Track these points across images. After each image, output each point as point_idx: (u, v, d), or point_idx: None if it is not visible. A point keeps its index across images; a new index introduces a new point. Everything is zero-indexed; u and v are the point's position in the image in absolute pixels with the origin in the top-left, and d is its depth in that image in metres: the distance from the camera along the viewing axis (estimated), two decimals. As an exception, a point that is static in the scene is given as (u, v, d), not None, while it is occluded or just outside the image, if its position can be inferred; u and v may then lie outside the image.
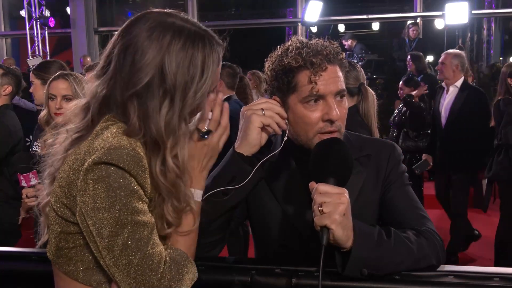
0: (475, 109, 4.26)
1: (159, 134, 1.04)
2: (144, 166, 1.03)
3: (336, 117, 1.27)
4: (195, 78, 1.06)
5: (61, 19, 11.08)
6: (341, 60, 1.32)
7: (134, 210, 1.00)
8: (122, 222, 0.99)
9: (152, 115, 1.04)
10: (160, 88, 1.04)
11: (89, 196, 0.99)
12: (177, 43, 1.05)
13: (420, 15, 9.75)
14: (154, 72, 1.03)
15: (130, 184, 1.00)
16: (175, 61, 1.04)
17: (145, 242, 1.01)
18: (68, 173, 1.04)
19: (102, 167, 0.98)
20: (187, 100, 1.06)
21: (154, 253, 1.02)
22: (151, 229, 1.03)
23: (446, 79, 4.46)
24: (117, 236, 0.99)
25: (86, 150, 1.02)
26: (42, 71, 3.01)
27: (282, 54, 1.31)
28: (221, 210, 1.32)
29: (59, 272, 1.12)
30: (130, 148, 1.01)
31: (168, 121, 1.05)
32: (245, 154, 1.30)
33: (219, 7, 13.55)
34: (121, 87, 1.05)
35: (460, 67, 4.40)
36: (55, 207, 1.07)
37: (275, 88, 1.34)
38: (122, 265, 1.00)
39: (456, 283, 1.19)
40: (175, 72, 1.04)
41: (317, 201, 1.11)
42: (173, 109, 1.05)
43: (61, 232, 1.08)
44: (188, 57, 1.05)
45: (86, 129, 1.09)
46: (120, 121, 1.07)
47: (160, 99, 1.04)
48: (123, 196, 0.99)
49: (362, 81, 2.54)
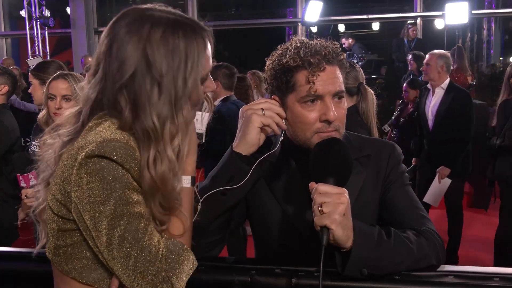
0: (460, 111, 4.18)
1: (152, 124, 1.04)
2: (137, 159, 1.02)
3: (333, 118, 1.27)
4: (181, 64, 1.05)
5: (61, 19, 11.09)
6: (341, 61, 1.32)
7: (129, 201, 1.00)
8: (118, 214, 0.99)
9: (143, 104, 1.04)
10: (147, 77, 1.04)
11: (83, 190, 0.99)
12: (156, 32, 1.05)
13: (420, 15, 9.75)
14: (138, 62, 1.04)
15: (125, 176, 1.00)
16: (157, 49, 1.04)
17: (142, 233, 1.01)
18: (62, 169, 1.04)
19: (95, 160, 0.98)
20: (178, 88, 1.05)
21: (152, 244, 1.02)
22: (147, 220, 1.03)
23: (431, 80, 4.34)
24: (114, 229, 0.99)
25: (79, 146, 1.02)
26: (40, 71, 3.02)
27: (282, 53, 1.31)
28: (221, 210, 1.32)
29: (58, 271, 1.12)
30: (123, 141, 1.01)
31: (160, 109, 1.04)
32: (243, 153, 1.30)
33: (219, 7, 13.55)
34: (111, 84, 1.06)
35: (446, 68, 4.29)
36: (51, 205, 1.07)
37: (274, 87, 1.34)
38: (120, 257, 1.00)
39: (456, 283, 1.19)
40: (159, 60, 1.04)
41: (317, 201, 1.11)
42: (164, 97, 1.04)
43: (58, 230, 1.08)
44: (170, 44, 1.05)
45: (77, 133, 1.09)
46: (112, 117, 1.07)
47: (149, 88, 1.04)
48: (118, 188, 0.99)
49: (362, 81, 2.55)
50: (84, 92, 1.12)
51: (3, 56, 10.01)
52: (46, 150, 1.13)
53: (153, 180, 1.03)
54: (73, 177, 1.00)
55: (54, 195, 1.06)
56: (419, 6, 9.86)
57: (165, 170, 1.04)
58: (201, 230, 1.28)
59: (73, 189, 1.00)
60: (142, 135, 1.04)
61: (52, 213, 1.08)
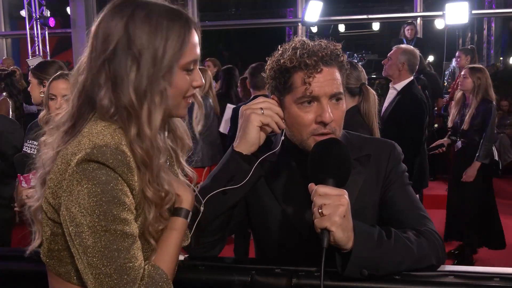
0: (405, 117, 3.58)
1: (130, 101, 1.04)
2: (129, 164, 1.02)
3: (328, 120, 1.27)
4: (162, 40, 1.05)
5: (61, 19, 11.08)
6: (341, 63, 1.31)
7: (115, 218, 0.99)
8: (101, 229, 0.97)
9: (121, 79, 1.04)
10: (126, 51, 1.04)
11: (72, 197, 0.98)
12: (140, 10, 1.06)
13: (420, 15, 9.75)
14: (119, 37, 1.04)
15: (114, 189, 0.99)
16: (139, 26, 1.05)
17: (122, 253, 0.99)
18: (56, 174, 1.03)
19: (86, 167, 0.98)
20: (157, 63, 1.05)
21: (131, 267, 0.99)
22: (132, 241, 1.01)
23: (390, 77, 3.83)
24: (95, 243, 0.97)
25: (72, 151, 1.02)
26: (39, 71, 3.02)
27: (281, 54, 1.32)
28: (221, 209, 1.32)
29: (52, 274, 1.12)
30: (113, 147, 1.01)
31: (137, 85, 1.04)
32: (244, 153, 1.30)
33: (219, 7, 13.56)
34: (95, 60, 1.07)
35: (408, 66, 3.71)
36: (45, 209, 1.07)
37: (273, 87, 1.35)
38: (95, 273, 0.98)
39: (456, 283, 1.19)
40: (140, 35, 1.04)
41: (317, 203, 1.10)
42: (141, 73, 1.04)
43: (51, 234, 1.08)
44: (153, 21, 1.06)
45: (70, 119, 1.09)
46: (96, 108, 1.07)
47: (129, 63, 1.04)
48: (105, 202, 0.98)
49: (364, 81, 2.54)
50: (73, 75, 1.12)
51: (3, 56, 10.00)
52: (44, 148, 1.13)
53: (142, 155, 1.04)
54: (65, 182, 1.00)
55: (47, 199, 1.05)
56: (419, 6, 9.85)
57: (148, 146, 1.04)
58: (201, 229, 1.28)
59: (63, 195, 1.00)
60: (123, 113, 1.04)
61: (46, 216, 1.07)
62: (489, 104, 4.13)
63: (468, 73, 4.21)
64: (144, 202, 1.06)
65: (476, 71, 4.20)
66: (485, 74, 4.21)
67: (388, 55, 3.86)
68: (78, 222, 0.98)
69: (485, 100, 4.15)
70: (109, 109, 1.05)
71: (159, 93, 1.06)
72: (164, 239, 1.11)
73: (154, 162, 1.06)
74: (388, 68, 3.80)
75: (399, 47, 3.87)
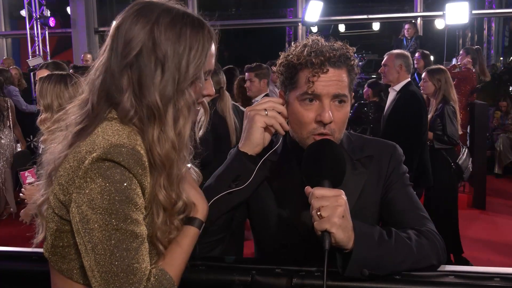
0: (406, 115, 3.78)
1: (154, 103, 1.04)
2: (144, 165, 1.02)
3: (327, 120, 1.26)
4: (186, 48, 1.06)
5: (61, 19, 11.08)
6: (351, 66, 1.31)
7: (126, 218, 0.99)
8: (112, 228, 0.97)
9: (146, 83, 1.04)
10: (151, 56, 1.05)
11: (84, 195, 0.98)
12: (165, 17, 1.07)
13: (420, 15, 9.75)
14: (144, 40, 1.05)
15: (128, 189, 0.99)
16: (164, 31, 1.05)
17: (131, 254, 0.99)
18: (68, 171, 1.03)
19: (101, 165, 0.98)
20: (182, 71, 1.06)
21: (138, 268, 0.99)
22: (141, 242, 1.01)
23: (390, 82, 4.01)
24: (104, 241, 0.97)
25: (87, 149, 1.02)
26: None
27: (292, 50, 1.33)
28: (224, 210, 1.33)
29: (54, 270, 1.12)
30: (129, 146, 1.01)
31: (162, 90, 1.05)
32: (249, 153, 1.31)
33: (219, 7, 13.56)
34: (116, 63, 1.06)
35: (405, 67, 3.92)
36: (53, 205, 1.07)
37: (281, 82, 1.37)
38: (102, 271, 0.98)
39: (457, 283, 1.19)
40: (165, 42, 1.05)
41: (315, 206, 1.10)
42: (167, 79, 1.05)
43: (56, 230, 1.07)
44: (177, 29, 1.06)
45: (87, 119, 1.08)
46: (116, 108, 1.07)
47: (153, 67, 1.05)
48: (118, 201, 0.98)
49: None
50: (89, 75, 1.12)
51: (3, 56, 10.01)
52: (52, 143, 1.13)
53: (160, 158, 1.04)
54: (77, 179, 1.00)
55: (56, 195, 1.05)
56: (419, 6, 9.86)
57: (169, 149, 1.05)
58: (203, 229, 1.28)
59: (75, 191, 1.00)
60: (147, 113, 1.05)
61: (53, 212, 1.07)
62: (446, 105, 4.05)
63: (427, 76, 4.17)
64: (153, 204, 1.06)
65: (435, 73, 4.13)
66: (445, 74, 4.14)
67: (382, 63, 4.06)
68: (89, 219, 0.98)
69: (444, 100, 4.09)
70: (129, 112, 1.05)
71: (184, 99, 1.07)
72: (175, 245, 1.11)
73: (174, 168, 1.06)
74: (387, 74, 3.99)
75: (391, 53, 4.05)
